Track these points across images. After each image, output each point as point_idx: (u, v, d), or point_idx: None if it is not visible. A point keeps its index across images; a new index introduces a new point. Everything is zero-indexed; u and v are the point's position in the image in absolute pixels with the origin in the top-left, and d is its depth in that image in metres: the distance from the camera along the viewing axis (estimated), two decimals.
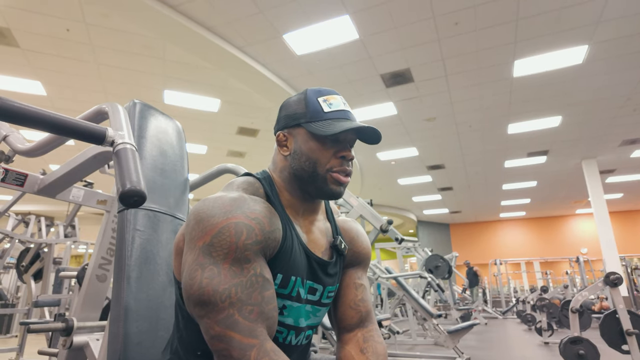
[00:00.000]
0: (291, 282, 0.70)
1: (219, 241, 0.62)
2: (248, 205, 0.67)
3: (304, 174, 0.74)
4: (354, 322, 0.81)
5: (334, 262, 0.79)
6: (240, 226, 0.63)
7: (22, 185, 1.32)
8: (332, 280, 0.79)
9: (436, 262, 6.45)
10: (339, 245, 0.80)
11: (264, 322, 0.62)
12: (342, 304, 0.82)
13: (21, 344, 3.47)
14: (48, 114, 0.75)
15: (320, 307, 0.78)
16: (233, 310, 0.60)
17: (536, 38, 4.38)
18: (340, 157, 0.74)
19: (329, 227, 0.83)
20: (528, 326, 6.59)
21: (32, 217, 4.40)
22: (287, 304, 0.71)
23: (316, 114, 0.74)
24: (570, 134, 7.05)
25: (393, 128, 6.74)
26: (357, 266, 0.87)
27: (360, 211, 3.09)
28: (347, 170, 0.75)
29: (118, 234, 1.05)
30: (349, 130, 0.73)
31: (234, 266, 0.61)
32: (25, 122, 0.73)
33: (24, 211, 8.94)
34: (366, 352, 0.77)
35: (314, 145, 0.74)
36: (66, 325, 1.32)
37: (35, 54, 4.53)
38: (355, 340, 0.79)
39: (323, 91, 0.78)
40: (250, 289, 0.62)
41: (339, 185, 0.75)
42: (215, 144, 7.40)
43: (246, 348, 0.58)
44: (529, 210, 13.72)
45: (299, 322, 0.74)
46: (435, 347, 4.62)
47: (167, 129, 1.31)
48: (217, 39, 4.26)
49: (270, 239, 0.66)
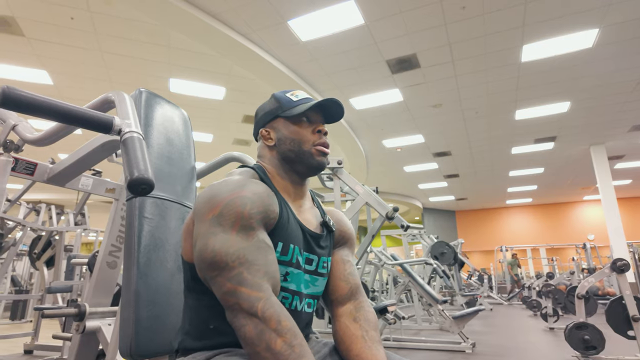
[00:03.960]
0: (290, 250, 0.79)
1: (228, 212, 0.71)
2: (249, 184, 0.77)
3: (291, 154, 0.86)
4: (344, 293, 0.90)
5: (325, 236, 0.90)
6: (245, 199, 0.73)
7: (32, 174, 1.34)
8: (325, 252, 0.89)
9: (442, 248, 6.46)
10: (328, 222, 0.91)
11: (269, 280, 0.70)
12: (333, 278, 0.92)
13: (36, 329, 3.56)
14: (56, 103, 0.76)
15: (317, 277, 0.86)
16: (242, 269, 0.68)
17: (545, 22, 4.29)
18: (317, 131, 0.88)
19: (317, 211, 0.94)
20: (533, 312, 6.62)
21: (42, 205, 4.47)
22: (289, 270, 0.79)
23: (288, 104, 0.89)
24: (579, 119, 6.95)
25: (399, 115, 6.69)
26: (344, 245, 0.98)
27: (366, 198, 3.08)
28: (326, 142, 0.89)
29: (127, 222, 1.07)
30: (315, 109, 0.89)
31: (240, 233, 0.71)
32: (34, 111, 0.74)
33: (35, 200, 9.07)
34: (359, 321, 0.85)
35: (294, 128, 0.87)
36: (79, 311, 1.35)
37: (40, 43, 4.53)
38: (348, 311, 0.88)
39: (287, 90, 0.93)
40: (256, 252, 0.71)
41: (323, 156, 0.87)
42: (221, 132, 7.41)
43: (254, 300, 0.66)
44: (535, 196, 13.64)
45: (300, 287, 0.82)
46: (440, 332, 4.67)
47: (174, 117, 1.32)
48: (222, 26, 4.23)
49: (270, 211, 0.76)
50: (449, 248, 6.43)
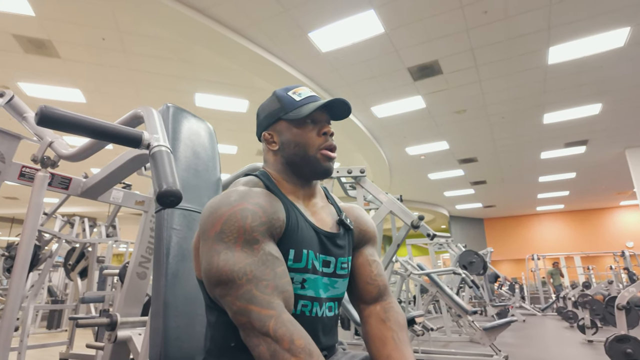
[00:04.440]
0: (304, 255, 0.76)
1: (229, 227, 0.69)
2: (249, 194, 0.74)
3: (296, 159, 0.82)
4: (373, 296, 0.88)
5: (342, 234, 0.85)
6: (245, 211, 0.70)
7: (67, 188, 1.40)
8: (343, 252, 0.85)
9: (470, 257, 6.28)
10: (344, 220, 0.87)
11: (279, 295, 0.67)
12: (360, 281, 0.89)
13: (71, 338, 3.68)
14: (89, 120, 0.79)
15: (336, 279, 0.83)
16: (250, 286, 0.66)
17: (573, 23, 4.17)
18: (323, 133, 0.83)
19: (332, 209, 0.90)
20: (569, 323, 6.32)
21: (76, 218, 4.64)
22: (305, 277, 0.76)
23: (290, 105, 0.83)
24: (612, 121, 6.67)
25: (422, 122, 6.62)
26: (366, 244, 0.94)
27: (390, 207, 3.05)
28: (333, 145, 0.84)
29: (156, 233, 1.09)
30: (320, 109, 0.83)
31: (245, 248, 0.68)
32: (69, 128, 0.78)
33: (69, 213, 9.44)
34: (388, 322, 0.84)
35: (298, 131, 0.82)
36: (111, 321, 1.39)
37: (74, 63, 4.76)
38: (376, 313, 0.86)
39: (289, 87, 0.87)
40: (263, 266, 0.68)
41: (329, 161, 0.83)
42: (244, 143, 7.53)
43: (265, 319, 0.63)
44: (567, 202, 13.11)
45: (319, 293, 0.78)
46: (471, 344, 4.53)
47: (199, 131, 1.35)
48: (244, 40, 4.33)
49: (274, 219, 0.73)
50: (478, 257, 6.25)
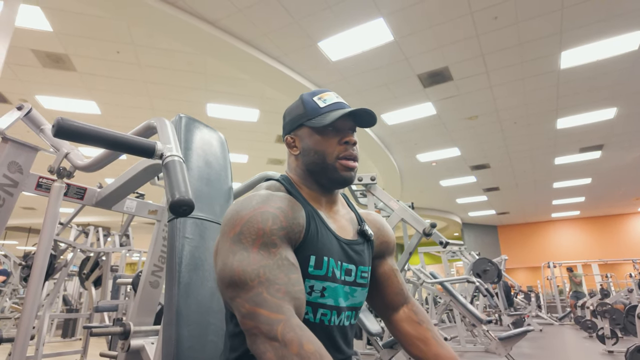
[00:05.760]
0: (325, 263, 0.75)
1: (248, 229, 0.69)
2: (272, 198, 0.74)
3: (315, 167, 0.81)
4: (400, 303, 0.93)
5: (362, 243, 0.86)
6: (266, 214, 0.70)
7: (82, 198, 1.43)
8: (363, 260, 0.84)
9: (484, 265, 6.18)
10: (366, 231, 0.86)
11: (291, 301, 0.65)
12: (389, 292, 0.92)
13: (85, 346, 3.71)
14: (103, 131, 0.81)
15: (356, 288, 0.82)
16: (261, 289, 0.64)
17: (584, 27, 4.13)
18: (344, 142, 0.81)
19: (353, 217, 0.90)
20: (588, 333, 6.15)
21: (91, 228, 4.71)
22: (325, 285, 0.75)
23: (314, 111, 0.82)
24: (628, 125, 6.54)
25: (433, 128, 6.59)
26: (389, 255, 0.96)
27: (402, 215, 3.02)
28: (353, 155, 0.82)
29: (169, 242, 1.10)
30: (345, 116, 0.80)
31: (262, 250, 0.67)
32: (84, 140, 0.79)
33: (84, 222, 9.59)
34: (423, 323, 0.88)
35: (318, 138, 0.81)
36: (124, 330, 1.40)
37: (90, 76, 4.88)
38: (407, 316, 0.91)
39: (316, 91, 0.86)
40: (277, 270, 0.67)
41: (349, 171, 0.80)
42: (255, 152, 7.58)
43: (273, 323, 0.61)
44: (583, 209, 12.85)
45: (339, 302, 0.77)
46: (486, 354, 4.43)
47: (211, 141, 1.36)
48: (255, 51, 4.39)
49: (294, 224, 0.73)
50: (492, 265, 6.15)
